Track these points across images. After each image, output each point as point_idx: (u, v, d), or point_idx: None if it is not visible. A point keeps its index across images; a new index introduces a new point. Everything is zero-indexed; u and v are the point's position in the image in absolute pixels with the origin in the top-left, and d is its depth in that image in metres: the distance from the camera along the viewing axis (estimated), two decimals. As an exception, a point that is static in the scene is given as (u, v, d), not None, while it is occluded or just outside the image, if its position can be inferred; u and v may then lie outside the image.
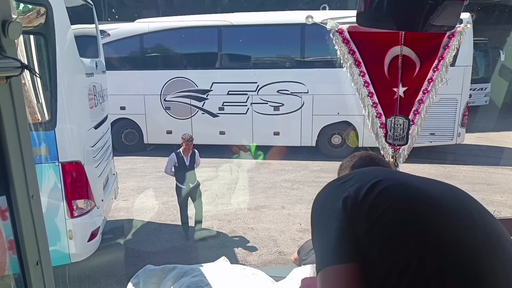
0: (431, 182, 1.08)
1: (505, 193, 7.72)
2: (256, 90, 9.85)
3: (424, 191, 1.01)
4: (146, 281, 1.72)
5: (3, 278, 1.02)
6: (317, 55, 9.99)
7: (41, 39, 3.70)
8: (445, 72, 3.13)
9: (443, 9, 1.31)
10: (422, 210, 0.95)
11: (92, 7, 5.39)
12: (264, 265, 4.96)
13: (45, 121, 3.78)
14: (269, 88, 9.80)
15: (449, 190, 1.05)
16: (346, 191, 1.01)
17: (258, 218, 6.34)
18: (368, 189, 0.99)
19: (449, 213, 0.96)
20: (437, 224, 0.92)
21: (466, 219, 0.96)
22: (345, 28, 3.07)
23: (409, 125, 3.11)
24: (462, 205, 1.00)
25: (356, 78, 3.14)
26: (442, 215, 0.94)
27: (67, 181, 3.89)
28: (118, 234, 5.91)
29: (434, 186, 1.06)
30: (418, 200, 0.97)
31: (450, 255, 0.87)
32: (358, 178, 1.06)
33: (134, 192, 7.71)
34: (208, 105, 10.02)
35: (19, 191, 0.88)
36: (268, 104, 9.89)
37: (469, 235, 0.92)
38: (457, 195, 1.04)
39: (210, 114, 10.06)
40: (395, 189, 1.01)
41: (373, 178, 1.03)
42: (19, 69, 0.80)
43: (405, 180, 1.06)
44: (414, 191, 1.01)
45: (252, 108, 9.96)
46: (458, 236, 0.91)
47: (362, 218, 0.94)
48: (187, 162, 5.65)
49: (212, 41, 10.04)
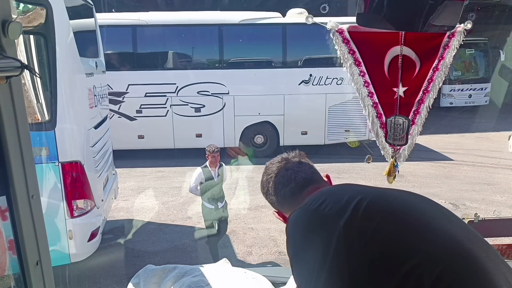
0: (401, 195, 1.07)
1: (505, 193, 7.72)
2: (176, 91, 9.65)
3: (406, 207, 1.00)
4: (146, 281, 1.72)
5: (3, 278, 1.02)
6: (236, 56, 10.06)
7: (41, 39, 3.70)
8: (445, 72, 3.13)
9: (443, 9, 1.31)
10: (412, 233, 0.92)
11: (92, 7, 5.39)
12: (264, 265, 4.96)
13: (45, 121, 3.78)
14: (189, 89, 9.65)
15: (420, 201, 1.06)
16: (329, 218, 0.96)
17: (258, 218, 6.34)
18: (352, 213, 0.94)
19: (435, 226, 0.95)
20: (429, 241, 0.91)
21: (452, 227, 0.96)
22: (345, 28, 3.07)
23: (409, 125, 3.11)
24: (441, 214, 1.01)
25: (356, 78, 3.14)
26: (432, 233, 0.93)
27: (67, 181, 3.89)
28: (118, 234, 5.91)
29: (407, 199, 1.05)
30: (405, 220, 0.96)
31: (459, 267, 0.86)
32: (331, 200, 1.02)
33: (134, 192, 7.71)
34: (125, 108, 9.59)
35: (19, 191, 0.88)
36: (189, 105, 9.73)
37: (461, 242, 0.92)
38: (426, 204, 1.05)
39: (127, 118, 9.68)
40: (379, 209, 0.98)
41: (348, 198, 0.99)
42: (19, 69, 0.80)
43: (382, 197, 1.04)
44: (398, 210, 0.99)
45: (172, 110, 9.72)
46: (455, 246, 0.90)
47: (355, 245, 0.90)
48: (215, 176, 4.93)
49: (126, 40, 9.74)
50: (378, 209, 0.97)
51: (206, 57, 10.28)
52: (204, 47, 10.21)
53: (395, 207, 0.99)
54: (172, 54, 10.07)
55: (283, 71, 10.13)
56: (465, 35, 3.05)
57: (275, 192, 1.26)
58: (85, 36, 5.17)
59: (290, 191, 1.23)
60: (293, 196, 1.22)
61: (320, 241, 0.94)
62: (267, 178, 1.29)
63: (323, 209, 0.99)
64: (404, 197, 1.06)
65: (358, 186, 1.14)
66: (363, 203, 0.96)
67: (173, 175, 8.86)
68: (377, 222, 0.92)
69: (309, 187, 1.21)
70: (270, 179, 1.27)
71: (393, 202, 1.01)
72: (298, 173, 1.24)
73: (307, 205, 1.05)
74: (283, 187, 1.24)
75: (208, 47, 10.09)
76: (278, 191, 1.25)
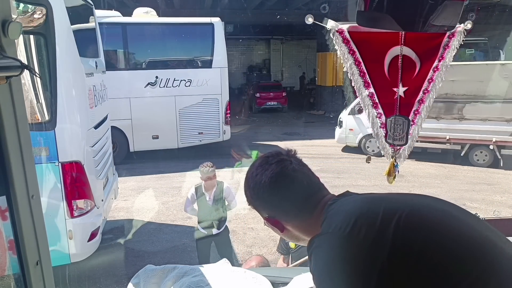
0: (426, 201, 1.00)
1: (505, 193, 7.73)
2: None
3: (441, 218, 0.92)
4: (146, 281, 1.72)
5: (3, 278, 1.03)
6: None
7: (41, 39, 3.70)
8: (445, 72, 3.13)
9: (443, 9, 1.31)
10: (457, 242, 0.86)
11: (92, 7, 5.39)
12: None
13: (45, 121, 3.78)
14: None
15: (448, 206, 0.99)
16: (368, 247, 0.83)
17: (258, 218, 6.29)
18: (393, 238, 0.83)
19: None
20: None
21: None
22: (345, 28, 3.07)
23: (409, 125, 3.11)
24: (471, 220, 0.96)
25: (356, 78, 3.14)
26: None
27: (67, 181, 3.89)
28: (118, 234, 5.91)
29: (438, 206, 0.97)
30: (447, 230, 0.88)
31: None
32: (363, 221, 0.87)
33: (134, 192, 7.71)
34: None
35: (19, 191, 0.88)
36: None
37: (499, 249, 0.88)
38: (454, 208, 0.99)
39: None
40: (419, 227, 0.87)
41: (383, 217, 0.87)
42: (19, 69, 0.80)
43: (416, 211, 0.93)
44: (437, 223, 0.90)
45: None
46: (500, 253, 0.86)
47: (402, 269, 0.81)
48: (210, 200, 4.33)
49: None
50: (418, 228, 0.87)
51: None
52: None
53: (433, 220, 0.90)
54: None
55: (126, 73, 9.81)
56: (465, 35, 3.05)
57: (272, 194, 1.08)
58: (85, 36, 5.17)
59: (300, 196, 1.06)
60: (305, 202, 1.06)
61: (360, 274, 0.83)
62: (261, 178, 1.08)
63: (357, 235, 0.86)
64: (434, 205, 0.97)
65: (384, 197, 1.00)
66: (400, 223, 0.85)
67: (173, 175, 8.86)
68: (422, 244, 0.84)
69: (324, 196, 1.07)
70: (266, 179, 1.07)
71: (429, 215, 0.92)
72: (307, 176, 1.10)
73: (336, 230, 0.89)
74: (288, 190, 1.07)
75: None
76: (280, 194, 1.07)
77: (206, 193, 4.32)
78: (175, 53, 10.36)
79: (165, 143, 9.91)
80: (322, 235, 0.92)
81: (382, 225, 0.85)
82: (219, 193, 4.34)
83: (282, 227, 1.11)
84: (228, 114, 10.49)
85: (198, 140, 10.31)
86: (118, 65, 9.92)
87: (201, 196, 4.34)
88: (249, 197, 1.16)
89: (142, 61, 10.20)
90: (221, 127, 10.36)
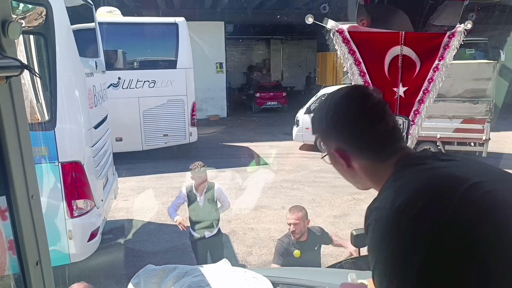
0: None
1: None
2: None
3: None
4: (146, 281, 1.72)
5: (3, 278, 1.03)
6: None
7: (41, 39, 3.70)
8: (445, 72, 3.13)
9: (443, 9, 1.31)
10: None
11: (92, 7, 5.39)
12: (264, 265, 4.96)
13: (45, 121, 3.78)
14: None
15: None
16: (428, 239, 0.78)
17: (258, 218, 6.33)
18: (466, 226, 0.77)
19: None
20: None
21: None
22: (345, 28, 3.07)
23: (409, 125, 3.11)
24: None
25: (356, 78, 3.14)
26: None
27: (67, 181, 3.89)
28: (118, 234, 5.91)
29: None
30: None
31: None
32: (429, 209, 0.80)
33: (134, 192, 7.71)
34: None
35: (19, 191, 0.88)
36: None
37: None
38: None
39: None
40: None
41: (451, 206, 0.80)
42: (19, 69, 0.80)
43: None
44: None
45: None
46: None
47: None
48: (201, 201, 4.23)
49: None
50: (492, 226, 0.80)
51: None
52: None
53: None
54: None
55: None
56: (465, 35, 3.05)
57: (356, 125, 1.00)
58: (85, 36, 5.17)
59: (383, 138, 0.99)
60: (385, 146, 0.99)
61: (411, 263, 0.78)
62: (348, 107, 1.02)
63: (423, 221, 0.80)
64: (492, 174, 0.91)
65: (464, 178, 0.87)
66: (472, 219, 0.79)
67: (173, 175, 8.86)
68: (490, 245, 0.78)
69: (402, 148, 1.01)
70: (356, 109, 1.01)
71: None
72: (394, 121, 1.03)
73: (400, 210, 0.82)
74: (374, 128, 0.99)
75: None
76: (365, 128, 0.99)
77: (197, 194, 4.22)
78: (138, 54, 10.15)
79: (129, 145, 9.64)
80: (384, 209, 0.85)
81: (450, 217, 0.79)
82: (211, 194, 4.25)
83: (349, 163, 1.02)
84: (194, 115, 10.33)
85: (163, 142, 10.11)
86: None
87: (192, 197, 4.24)
88: (322, 125, 1.06)
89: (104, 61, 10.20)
90: (187, 129, 10.19)
